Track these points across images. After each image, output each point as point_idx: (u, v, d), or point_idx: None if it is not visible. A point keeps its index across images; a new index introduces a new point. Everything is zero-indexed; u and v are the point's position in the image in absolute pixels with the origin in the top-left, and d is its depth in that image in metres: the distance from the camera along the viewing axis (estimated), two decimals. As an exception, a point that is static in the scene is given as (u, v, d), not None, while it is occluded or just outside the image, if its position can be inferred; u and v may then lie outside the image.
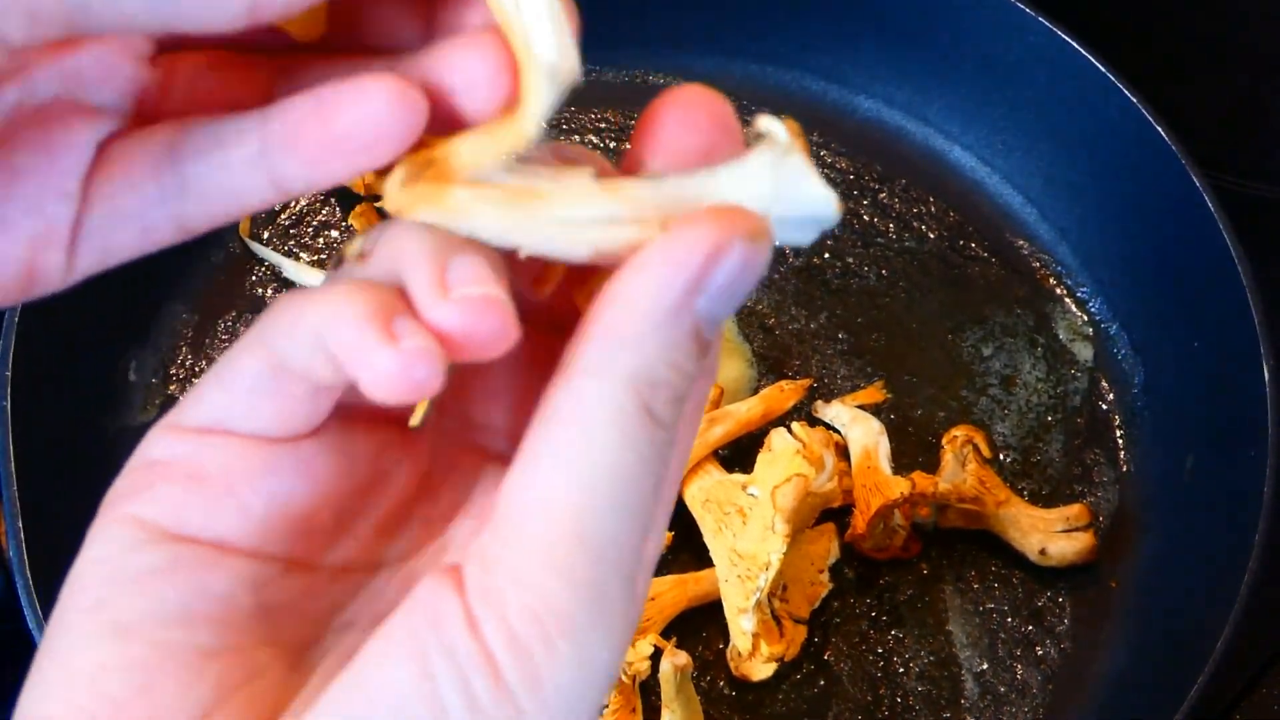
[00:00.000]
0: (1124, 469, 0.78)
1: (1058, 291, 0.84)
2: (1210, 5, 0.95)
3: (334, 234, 0.84)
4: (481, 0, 0.29)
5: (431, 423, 0.32)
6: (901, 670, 0.72)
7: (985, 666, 0.72)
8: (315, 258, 0.83)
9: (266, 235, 0.83)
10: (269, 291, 0.82)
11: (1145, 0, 0.96)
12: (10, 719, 0.29)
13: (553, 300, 0.31)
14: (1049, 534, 0.73)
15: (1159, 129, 0.78)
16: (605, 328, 0.27)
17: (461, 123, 0.29)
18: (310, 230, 0.84)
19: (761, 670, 0.69)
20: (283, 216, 0.84)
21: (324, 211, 0.85)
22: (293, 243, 0.83)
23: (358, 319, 0.27)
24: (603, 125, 0.89)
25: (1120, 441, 0.79)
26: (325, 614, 0.30)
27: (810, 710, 0.70)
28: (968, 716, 0.71)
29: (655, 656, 0.65)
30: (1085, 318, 0.83)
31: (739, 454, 0.75)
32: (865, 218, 0.86)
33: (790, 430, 0.71)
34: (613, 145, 0.88)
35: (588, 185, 0.28)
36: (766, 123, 0.28)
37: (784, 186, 0.27)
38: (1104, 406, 0.80)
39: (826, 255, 0.85)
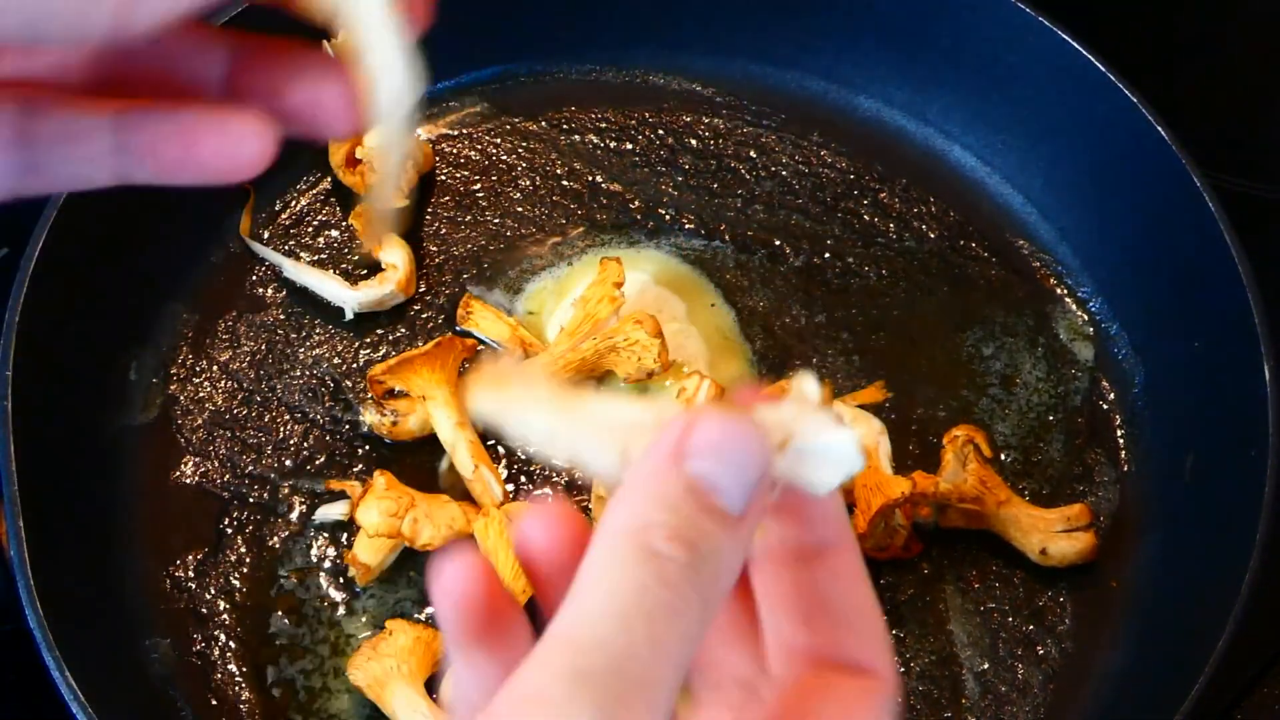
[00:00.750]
0: (1124, 469, 0.78)
1: (1058, 291, 0.84)
2: (1210, 5, 0.95)
3: (334, 234, 0.84)
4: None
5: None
6: (902, 669, 0.71)
7: (986, 666, 0.72)
8: (315, 257, 0.83)
9: (266, 235, 0.83)
10: (269, 291, 0.82)
11: (1145, 0, 0.96)
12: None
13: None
14: (1049, 534, 0.73)
15: (1159, 129, 0.78)
16: (613, 497, 0.32)
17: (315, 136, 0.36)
18: (310, 230, 0.84)
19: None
20: (283, 216, 0.84)
21: (324, 211, 0.85)
22: (293, 242, 0.83)
23: None
24: (603, 125, 0.89)
25: (1121, 441, 0.79)
26: None
27: (811, 710, 0.70)
28: (969, 716, 0.71)
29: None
30: (1086, 317, 0.83)
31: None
32: (865, 218, 0.86)
33: None
34: (612, 145, 0.88)
35: (621, 396, 0.34)
36: (805, 382, 0.34)
37: (805, 426, 0.33)
38: (1104, 406, 0.80)
39: (826, 255, 0.85)
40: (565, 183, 0.87)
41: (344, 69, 0.35)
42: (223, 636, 0.71)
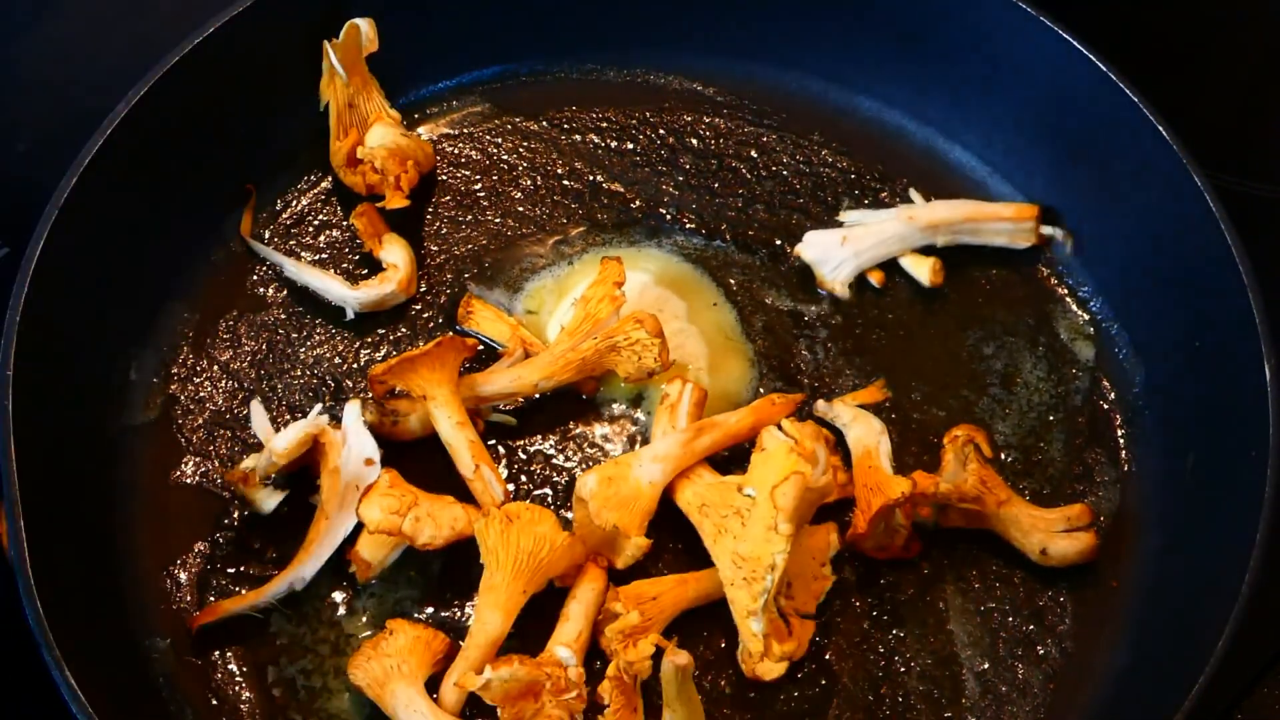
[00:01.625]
0: (1125, 468, 0.78)
1: (1059, 291, 0.84)
2: (1210, 5, 0.95)
3: (335, 233, 0.84)
4: None
5: None
6: (903, 669, 0.71)
7: (986, 666, 0.72)
8: (316, 257, 0.83)
9: (268, 234, 0.83)
10: (269, 291, 0.82)
11: (1146, 0, 0.96)
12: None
13: None
14: (1050, 534, 0.73)
15: (1159, 129, 0.78)
16: None
17: None
18: (311, 229, 0.84)
19: (774, 670, 0.69)
20: (284, 216, 0.84)
21: (325, 211, 0.85)
22: (293, 242, 0.83)
23: None
24: (604, 124, 0.89)
25: (1121, 441, 0.79)
26: None
27: (812, 709, 0.70)
28: (969, 716, 0.71)
29: (657, 656, 0.65)
30: (1086, 317, 0.83)
31: (733, 456, 0.75)
32: (866, 217, 0.86)
33: (781, 428, 0.70)
34: (613, 144, 0.88)
35: None
36: None
37: None
38: (1105, 406, 0.80)
39: (827, 255, 0.85)
40: (566, 182, 0.87)
41: None
42: (223, 636, 0.71)
